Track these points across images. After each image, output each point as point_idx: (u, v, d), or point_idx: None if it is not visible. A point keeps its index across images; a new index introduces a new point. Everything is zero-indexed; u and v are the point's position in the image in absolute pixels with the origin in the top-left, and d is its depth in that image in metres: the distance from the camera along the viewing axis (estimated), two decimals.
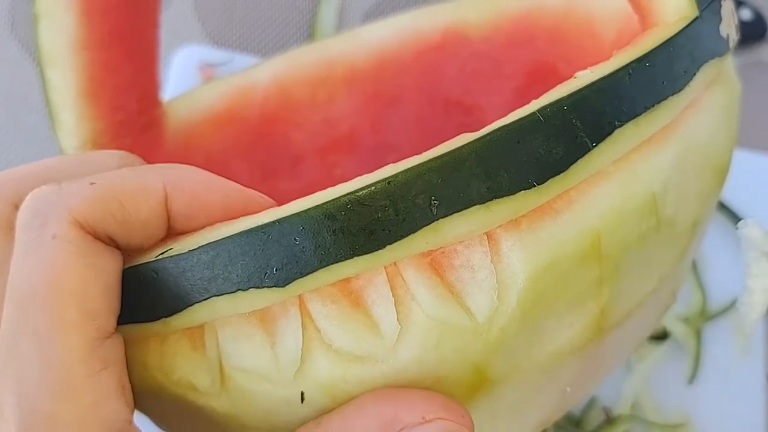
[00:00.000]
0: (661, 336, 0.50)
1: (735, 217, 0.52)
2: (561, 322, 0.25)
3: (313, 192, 0.24)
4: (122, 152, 0.28)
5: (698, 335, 0.50)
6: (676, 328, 0.49)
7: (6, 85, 0.58)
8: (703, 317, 0.50)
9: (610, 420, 0.47)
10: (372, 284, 0.23)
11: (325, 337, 0.24)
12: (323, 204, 0.22)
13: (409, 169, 0.22)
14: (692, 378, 0.49)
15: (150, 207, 0.24)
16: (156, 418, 0.29)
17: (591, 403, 0.48)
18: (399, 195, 0.22)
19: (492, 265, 0.23)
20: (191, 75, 0.55)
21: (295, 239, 0.22)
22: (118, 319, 0.24)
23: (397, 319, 0.23)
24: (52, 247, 0.22)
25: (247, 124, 0.43)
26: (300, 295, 0.24)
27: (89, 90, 0.36)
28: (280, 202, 0.25)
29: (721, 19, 0.27)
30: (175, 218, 0.25)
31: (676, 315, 0.50)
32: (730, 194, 0.53)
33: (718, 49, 0.27)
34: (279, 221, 0.22)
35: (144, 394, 0.26)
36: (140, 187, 0.24)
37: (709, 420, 0.48)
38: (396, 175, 0.22)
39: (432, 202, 0.22)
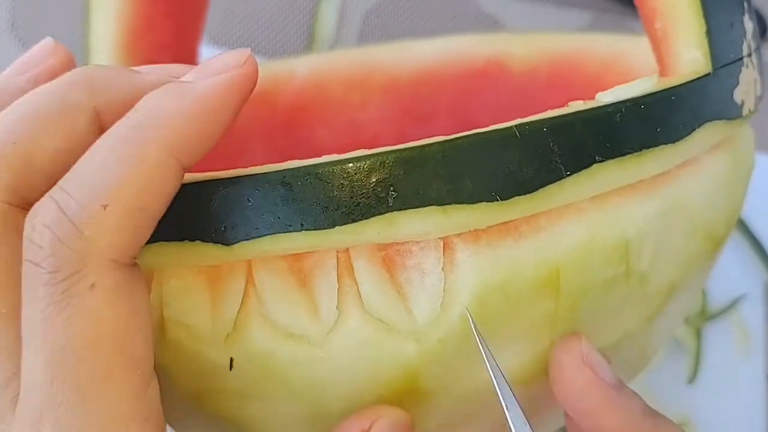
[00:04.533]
0: None
1: None
2: (506, 348, 0.25)
3: None
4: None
5: (698, 335, 0.49)
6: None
7: None
8: (703, 317, 0.50)
9: None
10: (320, 267, 0.23)
11: (264, 308, 0.23)
12: (282, 170, 0.22)
13: (373, 155, 0.22)
14: (692, 378, 0.49)
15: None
16: None
17: None
18: (358, 178, 0.22)
19: (442, 273, 0.23)
20: None
21: (248, 200, 0.22)
22: None
23: (337, 306, 0.23)
24: (91, 297, 0.20)
25: (276, 109, 0.43)
26: (249, 262, 0.23)
27: (128, 40, 0.36)
28: None
29: (737, 83, 0.26)
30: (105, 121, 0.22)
31: None
32: None
33: (727, 112, 0.26)
34: (237, 178, 0.22)
35: None
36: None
37: (709, 420, 0.48)
38: (359, 158, 0.22)
39: (390, 193, 0.22)
